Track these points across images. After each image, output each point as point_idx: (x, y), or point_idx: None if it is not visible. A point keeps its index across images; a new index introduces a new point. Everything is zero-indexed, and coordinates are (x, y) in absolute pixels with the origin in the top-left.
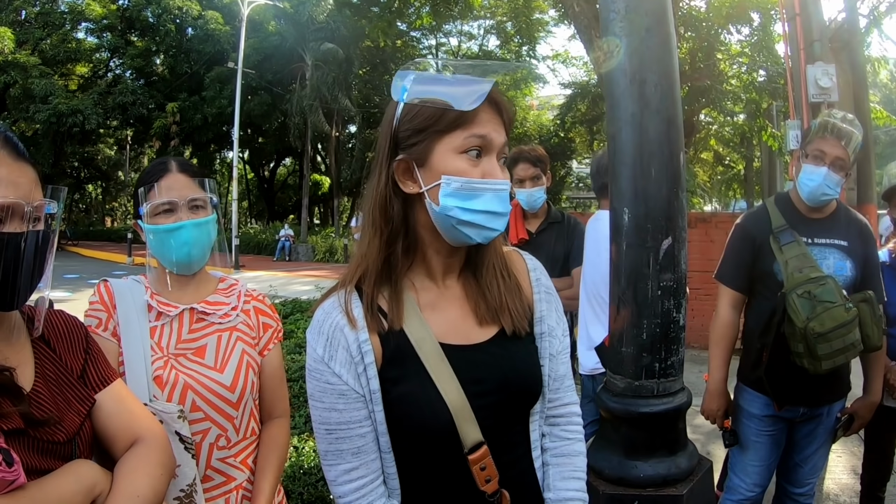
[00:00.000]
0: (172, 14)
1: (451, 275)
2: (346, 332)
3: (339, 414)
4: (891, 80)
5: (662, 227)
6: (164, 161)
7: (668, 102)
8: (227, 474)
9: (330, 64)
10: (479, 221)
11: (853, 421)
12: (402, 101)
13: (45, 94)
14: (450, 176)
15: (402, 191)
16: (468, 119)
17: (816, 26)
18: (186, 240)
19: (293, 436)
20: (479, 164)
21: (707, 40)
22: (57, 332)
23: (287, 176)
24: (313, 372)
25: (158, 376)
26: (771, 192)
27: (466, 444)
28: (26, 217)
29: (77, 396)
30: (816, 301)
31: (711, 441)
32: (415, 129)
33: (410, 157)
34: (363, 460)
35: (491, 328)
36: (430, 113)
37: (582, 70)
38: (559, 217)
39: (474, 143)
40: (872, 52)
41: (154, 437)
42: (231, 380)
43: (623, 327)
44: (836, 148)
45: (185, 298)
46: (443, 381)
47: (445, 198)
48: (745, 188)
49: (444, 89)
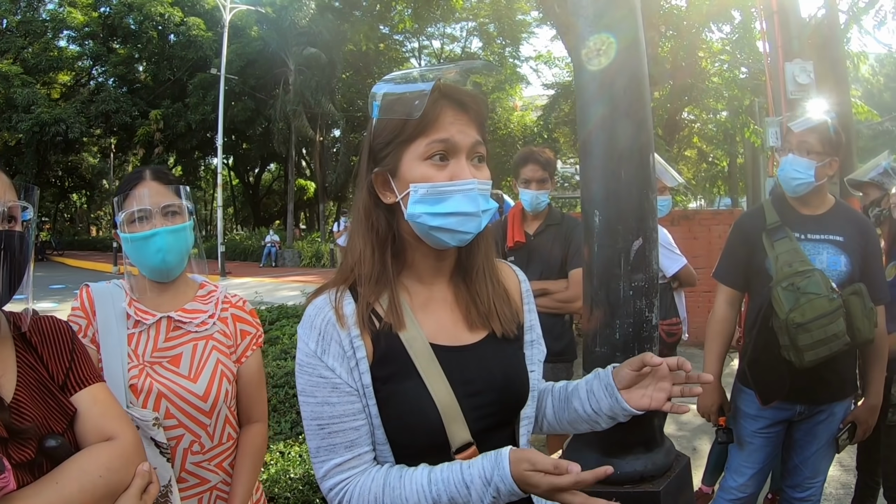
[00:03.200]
0: (154, 21)
1: (440, 278)
2: (337, 328)
3: (332, 408)
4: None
5: (633, 228)
6: (139, 170)
7: (638, 105)
8: (202, 477)
9: (313, 68)
10: (450, 226)
11: (856, 428)
12: (375, 116)
13: (28, 104)
14: (416, 183)
15: (383, 202)
16: (429, 125)
17: (795, 23)
18: (161, 246)
19: (279, 441)
20: (447, 168)
21: (688, 38)
22: (43, 335)
23: (272, 181)
24: (305, 367)
25: (134, 384)
26: (755, 189)
27: (454, 443)
28: (1, 217)
29: (58, 405)
30: (800, 293)
31: (697, 437)
32: (384, 142)
33: (384, 170)
34: (356, 453)
35: (480, 332)
36: (394, 124)
37: (565, 70)
38: (558, 218)
39: (437, 148)
40: (852, 48)
41: (121, 442)
42: (204, 389)
43: (596, 327)
44: (799, 134)
45: (163, 306)
46: (432, 380)
47: (414, 205)
48: (728, 185)
49: (400, 102)
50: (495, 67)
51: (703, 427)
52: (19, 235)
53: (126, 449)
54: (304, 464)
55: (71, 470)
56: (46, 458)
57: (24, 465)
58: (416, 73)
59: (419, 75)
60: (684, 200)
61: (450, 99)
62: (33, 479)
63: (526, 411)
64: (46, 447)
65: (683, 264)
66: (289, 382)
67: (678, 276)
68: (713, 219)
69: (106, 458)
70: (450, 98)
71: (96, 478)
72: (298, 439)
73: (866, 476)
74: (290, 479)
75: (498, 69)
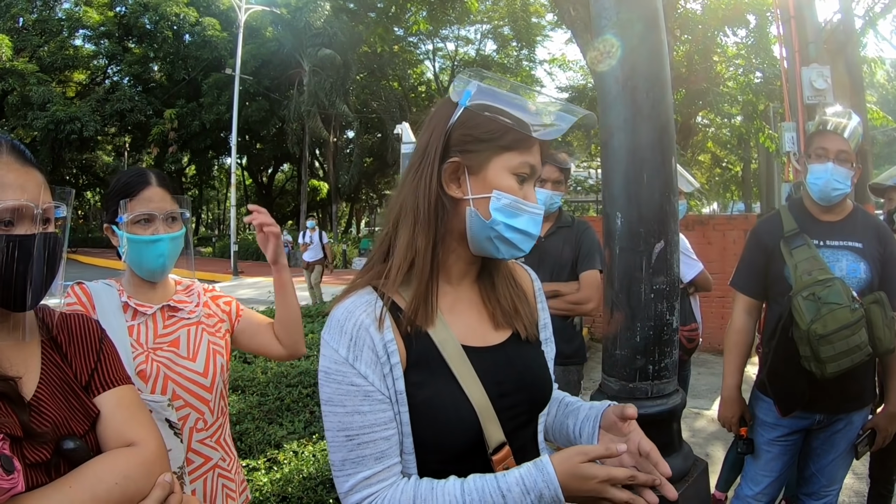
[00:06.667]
0: (170, 21)
1: (467, 280)
2: (371, 332)
3: (362, 417)
4: (888, 80)
5: (655, 231)
6: (142, 173)
7: (660, 108)
8: (205, 455)
9: (327, 70)
10: (516, 241)
11: (875, 435)
12: (464, 104)
13: (43, 102)
14: (501, 192)
15: (448, 194)
16: (529, 145)
17: (811, 28)
18: (163, 251)
19: (293, 440)
20: (523, 188)
21: (703, 43)
22: (71, 334)
23: (285, 182)
24: (333, 374)
25: (142, 370)
26: (768, 194)
27: (491, 444)
28: (36, 219)
29: (81, 406)
30: (821, 303)
31: (710, 443)
32: (475, 137)
33: (464, 163)
34: (386, 465)
35: (505, 332)
36: (495, 126)
37: (579, 74)
38: (569, 221)
39: (526, 169)
40: (868, 53)
41: (142, 450)
42: (203, 367)
43: (617, 330)
44: (836, 142)
45: (154, 299)
46: (467, 382)
47: (496, 212)
48: (742, 190)
49: (514, 108)
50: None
51: (716, 433)
52: (54, 238)
53: (147, 457)
54: (317, 463)
55: (86, 475)
56: (64, 459)
57: (39, 465)
58: (510, 85)
59: (512, 88)
60: (698, 205)
61: None
62: (48, 480)
63: (544, 409)
64: (64, 449)
65: (700, 270)
66: (302, 382)
67: (695, 281)
68: (728, 224)
69: (124, 465)
70: None
71: (112, 485)
72: (312, 439)
73: (879, 485)
74: (304, 478)
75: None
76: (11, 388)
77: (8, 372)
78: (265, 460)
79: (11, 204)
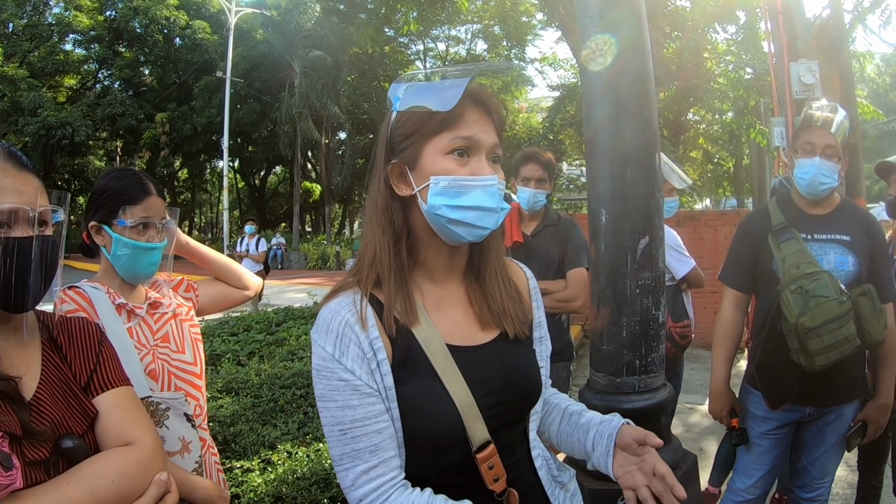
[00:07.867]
0: (160, 24)
1: (453, 277)
2: (356, 330)
3: (353, 411)
4: (878, 74)
5: (640, 226)
6: (139, 179)
7: (643, 105)
8: (203, 438)
9: (318, 71)
10: (469, 220)
11: (867, 427)
12: (396, 109)
13: (34, 107)
14: (438, 176)
15: (398, 194)
16: (454, 121)
17: (800, 23)
18: (156, 259)
19: (286, 441)
20: (468, 164)
21: (694, 39)
22: (71, 336)
23: (278, 184)
24: (323, 371)
25: (152, 370)
26: (760, 189)
27: (474, 442)
28: (32, 222)
29: (80, 406)
30: (809, 296)
31: (704, 438)
32: (405, 133)
33: (402, 161)
34: (382, 458)
35: (493, 331)
36: (418, 117)
37: (570, 72)
38: (555, 219)
39: (460, 143)
40: (858, 48)
41: (139, 448)
42: (192, 357)
43: (603, 326)
44: (823, 136)
45: (138, 299)
46: (450, 380)
47: (434, 197)
48: (734, 185)
49: (429, 94)
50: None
51: (710, 428)
52: (51, 240)
53: (144, 456)
54: (311, 463)
55: (83, 472)
56: (63, 458)
57: (38, 463)
58: (440, 72)
59: (442, 75)
60: (690, 202)
61: (475, 99)
62: (47, 478)
63: (535, 407)
64: (62, 447)
65: (692, 266)
66: (296, 383)
67: (687, 278)
68: (719, 219)
69: (121, 464)
70: (475, 98)
71: (108, 482)
72: (306, 440)
73: (869, 476)
74: (298, 478)
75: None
76: (12, 388)
77: (9, 372)
78: (259, 461)
79: (7, 207)
